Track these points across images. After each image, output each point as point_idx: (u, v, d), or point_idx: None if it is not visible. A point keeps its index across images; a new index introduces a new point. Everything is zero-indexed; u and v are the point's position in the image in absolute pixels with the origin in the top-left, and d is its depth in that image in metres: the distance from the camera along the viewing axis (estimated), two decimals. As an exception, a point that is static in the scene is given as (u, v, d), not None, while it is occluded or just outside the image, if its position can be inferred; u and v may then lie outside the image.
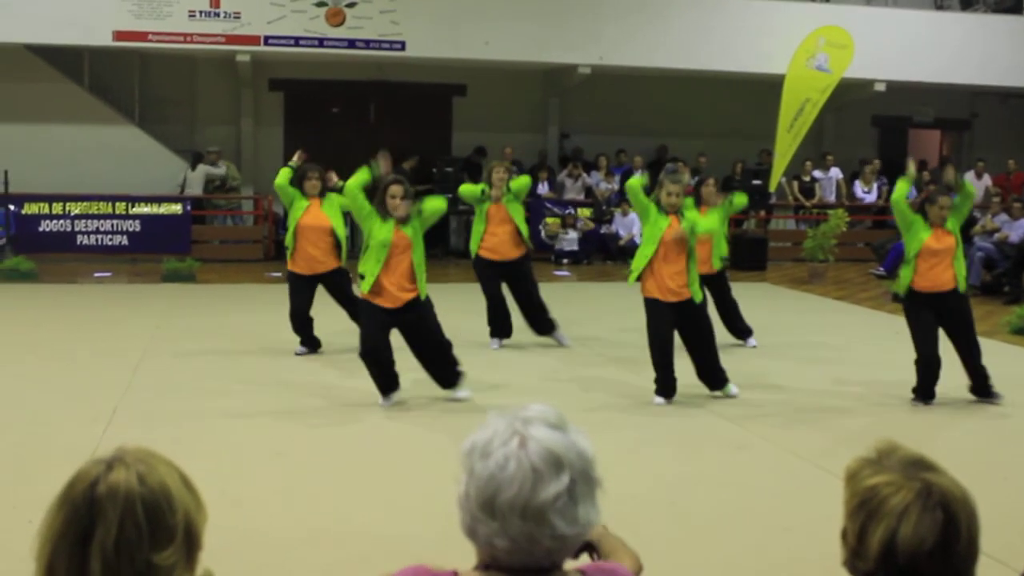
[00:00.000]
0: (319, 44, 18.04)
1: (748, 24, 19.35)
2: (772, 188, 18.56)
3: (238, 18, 17.63)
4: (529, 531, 1.79)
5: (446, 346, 8.49)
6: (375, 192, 8.33)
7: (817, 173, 20.75)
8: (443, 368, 8.50)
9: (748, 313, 11.39)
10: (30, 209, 17.21)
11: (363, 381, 8.47)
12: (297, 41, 17.94)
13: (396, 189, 8.15)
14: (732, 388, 8.86)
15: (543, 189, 19.54)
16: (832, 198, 20.59)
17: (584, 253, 18.73)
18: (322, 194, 10.10)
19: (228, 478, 6.37)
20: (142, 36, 17.44)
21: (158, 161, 18.59)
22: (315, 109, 20.54)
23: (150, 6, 17.33)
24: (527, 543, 1.80)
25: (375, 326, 8.15)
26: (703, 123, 21.32)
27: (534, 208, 18.91)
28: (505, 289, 10.84)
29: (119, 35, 17.32)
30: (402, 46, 18.21)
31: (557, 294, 13.75)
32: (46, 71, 18.24)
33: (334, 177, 10.37)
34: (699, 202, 10.51)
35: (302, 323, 10.26)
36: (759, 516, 6.02)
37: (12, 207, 16.94)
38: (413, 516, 5.81)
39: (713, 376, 8.81)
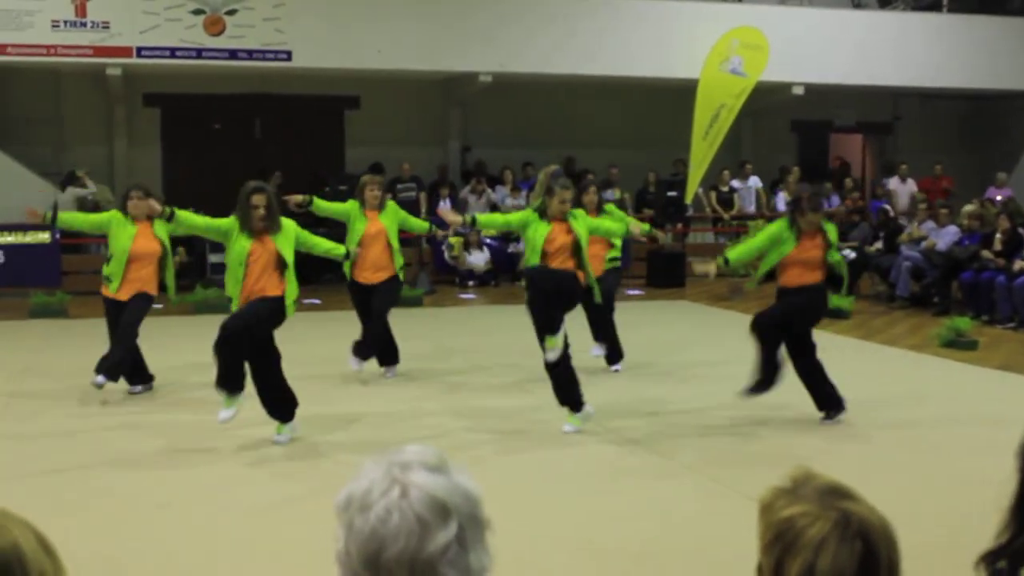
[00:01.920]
0: (197, 55, 17.88)
1: (659, 27, 19.60)
2: (688, 199, 18.80)
3: (107, 28, 17.40)
4: None
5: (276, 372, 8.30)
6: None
7: (735, 183, 21.01)
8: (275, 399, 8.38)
9: (666, 333, 11.49)
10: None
11: (261, 423, 8.38)
12: (173, 52, 17.76)
13: (258, 198, 8.14)
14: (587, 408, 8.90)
15: (445, 206, 19.54)
16: (752, 208, 20.88)
17: (491, 274, 18.75)
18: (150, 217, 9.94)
19: (105, 533, 6.26)
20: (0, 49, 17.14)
21: (23, 186, 18.17)
22: (195, 125, 20.32)
23: (8, 16, 17.02)
24: None
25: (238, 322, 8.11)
26: (614, 132, 21.52)
27: (437, 226, 18.86)
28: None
29: (-26, 48, 17.02)
30: (288, 56, 18.13)
31: (463, 318, 13.79)
32: None
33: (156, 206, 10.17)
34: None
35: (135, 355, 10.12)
36: (682, 551, 6.06)
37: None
38: (303, 568, 5.75)
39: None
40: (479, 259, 18.75)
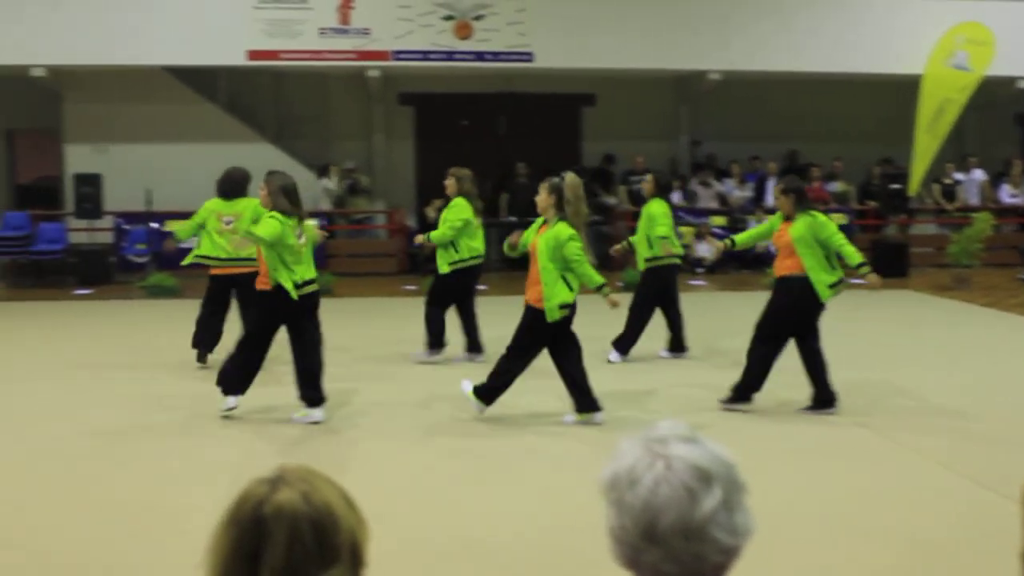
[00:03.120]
0: (447, 58, 18.25)
1: (881, 24, 18.96)
2: (912, 191, 18.17)
3: (367, 34, 17.94)
4: (696, 550, 1.77)
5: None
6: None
7: (958, 175, 20.20)
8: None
9: (891, 324, 11.12)
10: (172, 226, 17.69)
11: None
12: (426, 55, 18.18)
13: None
14: (597, 416, 8.14)
15: (676, 198, 19.39)
16: (975, 200, 20.03)
17: (719, 262, 18.51)
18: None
19: (373, 492, 6.46)
20: (274, 55, 17.86)
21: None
22: (445, 122, 20.75)
23: (282, 25, 17.75)
24: (695, 563, 1.78)
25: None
26: (837, 126, 20.97)
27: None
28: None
29: (253, 54, 17.78)
30: (530, 57, 18.31)
31: (691, 304, 13.64)
32: (183, 92, 18.82)
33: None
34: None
35: None
36: (910, 530, 5.86)
37: (155, 224, 17.50)
38: (566, 530, 5.80)
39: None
40: (706, 249, 18.50)
